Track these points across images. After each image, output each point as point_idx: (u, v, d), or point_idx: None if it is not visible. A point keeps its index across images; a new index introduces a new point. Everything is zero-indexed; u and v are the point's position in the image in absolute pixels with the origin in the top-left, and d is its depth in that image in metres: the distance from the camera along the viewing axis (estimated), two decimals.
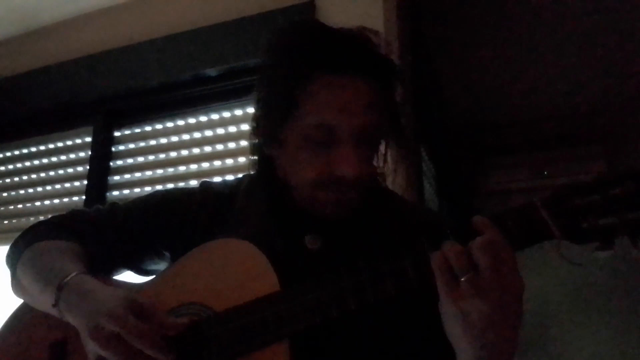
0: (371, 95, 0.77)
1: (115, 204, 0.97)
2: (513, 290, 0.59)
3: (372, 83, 0.77)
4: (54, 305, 0.78)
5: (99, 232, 0.91)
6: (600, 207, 0.59)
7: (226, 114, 1.89)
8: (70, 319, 0.75)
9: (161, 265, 0.93)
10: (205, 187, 0.94)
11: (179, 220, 0.89)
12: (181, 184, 1.85)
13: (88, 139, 2.10)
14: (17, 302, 0.93)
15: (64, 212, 0.97)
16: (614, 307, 2.63)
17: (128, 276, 0.95)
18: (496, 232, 0.60)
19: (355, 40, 0.78)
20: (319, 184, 0.77)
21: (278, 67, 0.80)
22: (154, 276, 0.91)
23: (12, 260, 0.91)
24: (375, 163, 0.85)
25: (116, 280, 0.92)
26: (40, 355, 0.83)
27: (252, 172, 0.93)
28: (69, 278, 0.78)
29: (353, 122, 0.75)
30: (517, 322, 0.61)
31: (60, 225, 0.93)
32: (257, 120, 0.85)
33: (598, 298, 2.64)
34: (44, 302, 0.80)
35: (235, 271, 0.76)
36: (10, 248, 0.93)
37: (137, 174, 2.01)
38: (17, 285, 0.90)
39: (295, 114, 0.76)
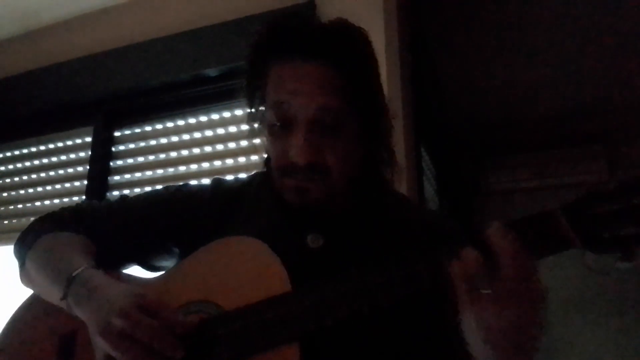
0: (328, 80, 0.75)
1: (125, 198, 0.97)
2: (533, 300, 0.59)
3: (329, 68, 0.75)
4: (62, 299, 0.77)
5: (108, 226, 0.91)
6: (622, 217, 0.57)
7: (226, 114, 1.89)
8: (79, 313, 0.75)
9: (170, 262, 0.92)
10: (217, 184, 0.94)
11: (190, 217, 0.89)
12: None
13: (88, 139, 2.09)
14: (19, 298, 0.92)
15: (73, 205, 0.97)
16: (615, 306, 2.63)
17: (136, 271, 0.94)
18: (516, 243, 0.59)
19: (310, 27, 0.79)
20: (281, 171, 0.79)
21: (249, 56, 0.83)
22: (163, 272, 0.90)
23: (21, 251, 0.90)
24: (361, 157, 0.83)
25: (125, 275, 0.91)
26: (49, 347, 0.83)
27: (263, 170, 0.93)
28: (77, 272, 0.78)
29: (306, 106, 0.75)
30: (537, 329, 0.60)
31: (70, 218, 0.92)
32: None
33: (599, 297, 2.64)
34: (53, 295, 0.80)
35: (246, 270, 0.76)
36: (19, 239, 0.92)
37: (137, 174, 2.00)
38: (26, 276, 0.89)
39: (263, 100, 0.81)
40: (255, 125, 0.86)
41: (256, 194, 0.90)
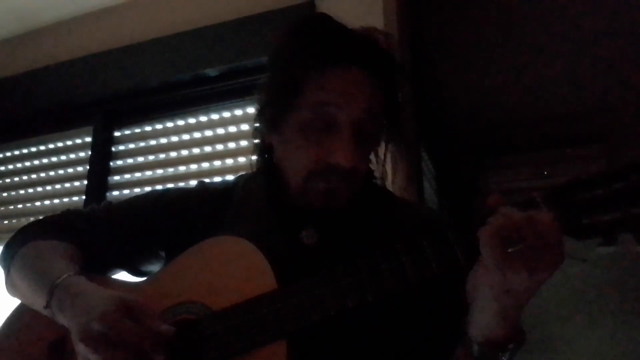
0: (374, 89, 0.78)
1: (110, 204, 0.96)
2: (554, 265, 0.58)
3: (375, 79, 0.78)
4: (46, 307, 0.77)
5: (93, 232, 0.91)
6: (603, 202, 0.58)
7: (226, 114, 1.89)
8: (62, 320, 0.75)
9: (157, 266, 0.92)
10: (202, 187, 0.94)
11: (176, 221, 0.89)
12: (181, 184, 1.85)
13: (88, 139, 2.10)
14: (14, 302, 0.92)
15: (59, 212, 0.97)
16: (616, 305, 2.63)
17: (125, 275, 0.94)
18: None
19: (365, 37, 0.81)
20: (312, 174, 0.78)
21: (287, 55, 0.81)
22: (150, 275, 0.91)
23: (6, 259, 0.90)
24: (371, 160, 0.86)
25: (113, 280, 0.91)
26: (39, 354, 0.83)
27: (250, 172, 0.93)
28: (61, 279, 0.77)
29: (353, 110, 0.76)
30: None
31: (55, 225, 0.92)
32: (262, 107, 0.85)
33: (599, 296, 2.64)
34: (37, 303, 0.80)
35: (233, 269, 0.76)
36: (4, 247, 0.92)
37: (137, 174, 2.01)
38: (11, 285, 0.89)
39: (298, 101, 0.78)
40: (271, 123, 0.84)
41: (244, 195, 0.90)
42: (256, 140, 0.89)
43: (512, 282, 0.59)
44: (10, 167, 2.29)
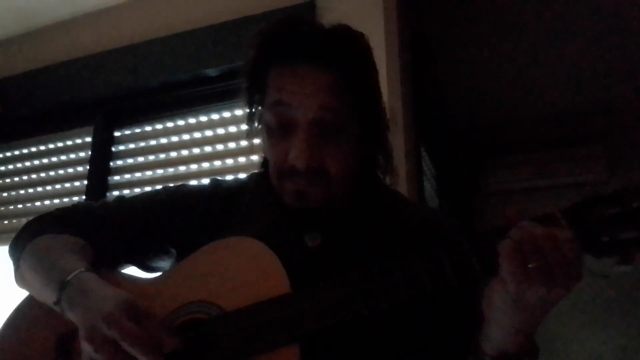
0: (328, 82, 0.76)
1: (122, 198, 0.96)
2: (572, 282, 0.59)
3: (329, 71, 0.76)
4: (56, 303, 0.77)
5: (104, 227, 0.91)
6: (622, 220, 0.58)
7: (226, 114, 1.89)
8: (71, 316, 0.75)
9: (167, 262, 0.92)
10: (215, 185, 0.94)
11: (187, 218, 0.89)
12: None
13: (88, 139, 2.10)
14: (18, 298, 0.92)
15: (69, 205, 0.96)
16: (615, 305, 2.63)
17: (135, 271, 0.94)
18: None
19: (310, 30, 0.80)
20: (280, 175, 0.79)
21: (250, 59, 0.83)
22: (162, 272, 0.90)
23: (16, 252, 0.90)
24: (377, 160, 0.85)
25: (125, 276, 0.91)
26: (48, 346, 0.83)
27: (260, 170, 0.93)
28: (71, 276, 0.77)
29: (309, 108, 0.75)
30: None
31: (65, 219, 0.92)
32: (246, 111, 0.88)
33: (599, 296, 2.64)
34: (47, 298, 0.80)
35: (246, 271, 0.76)
36: (14, 240, 0.91)
37: (137, 174, 2.01)
38: (21, 278, 0.89)
39: (263, 103, 0.81)
40: (254, 126, 0.86)
41: (253, 195, 0.89)
42: (247, 142, 0.90)
43: (529, 296, 0.59)
44: (10, 167, 2.29)
